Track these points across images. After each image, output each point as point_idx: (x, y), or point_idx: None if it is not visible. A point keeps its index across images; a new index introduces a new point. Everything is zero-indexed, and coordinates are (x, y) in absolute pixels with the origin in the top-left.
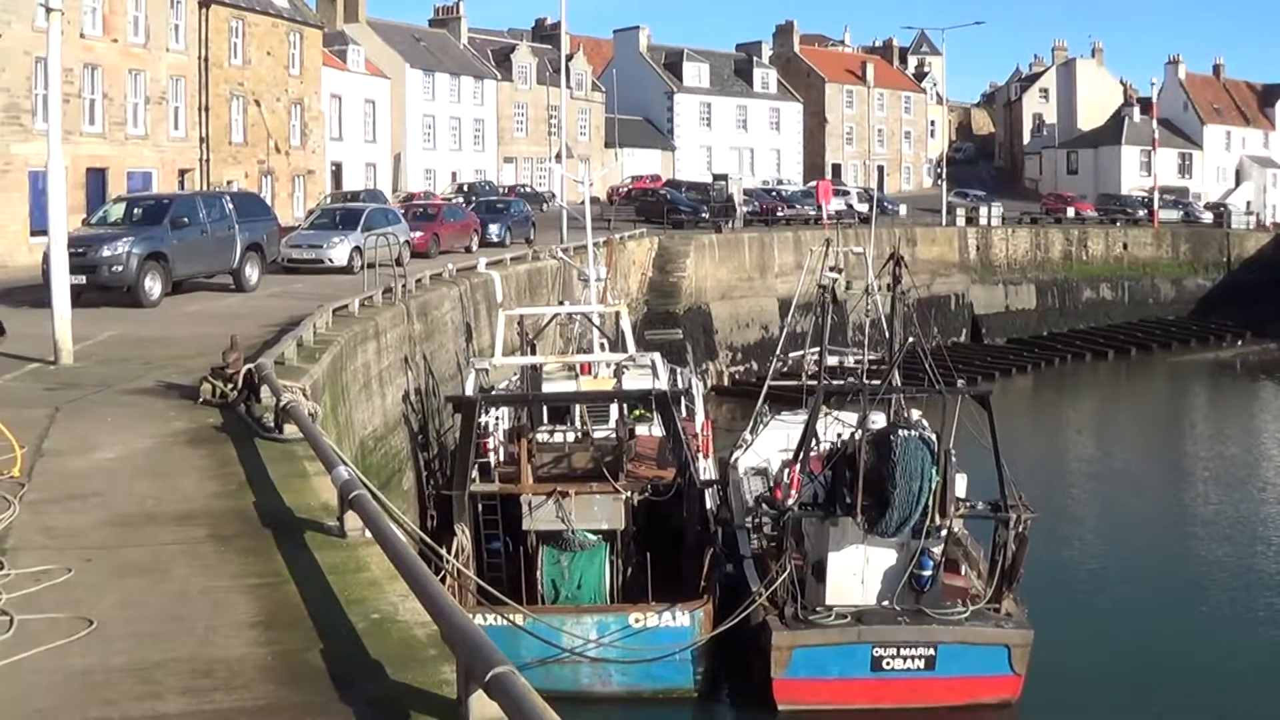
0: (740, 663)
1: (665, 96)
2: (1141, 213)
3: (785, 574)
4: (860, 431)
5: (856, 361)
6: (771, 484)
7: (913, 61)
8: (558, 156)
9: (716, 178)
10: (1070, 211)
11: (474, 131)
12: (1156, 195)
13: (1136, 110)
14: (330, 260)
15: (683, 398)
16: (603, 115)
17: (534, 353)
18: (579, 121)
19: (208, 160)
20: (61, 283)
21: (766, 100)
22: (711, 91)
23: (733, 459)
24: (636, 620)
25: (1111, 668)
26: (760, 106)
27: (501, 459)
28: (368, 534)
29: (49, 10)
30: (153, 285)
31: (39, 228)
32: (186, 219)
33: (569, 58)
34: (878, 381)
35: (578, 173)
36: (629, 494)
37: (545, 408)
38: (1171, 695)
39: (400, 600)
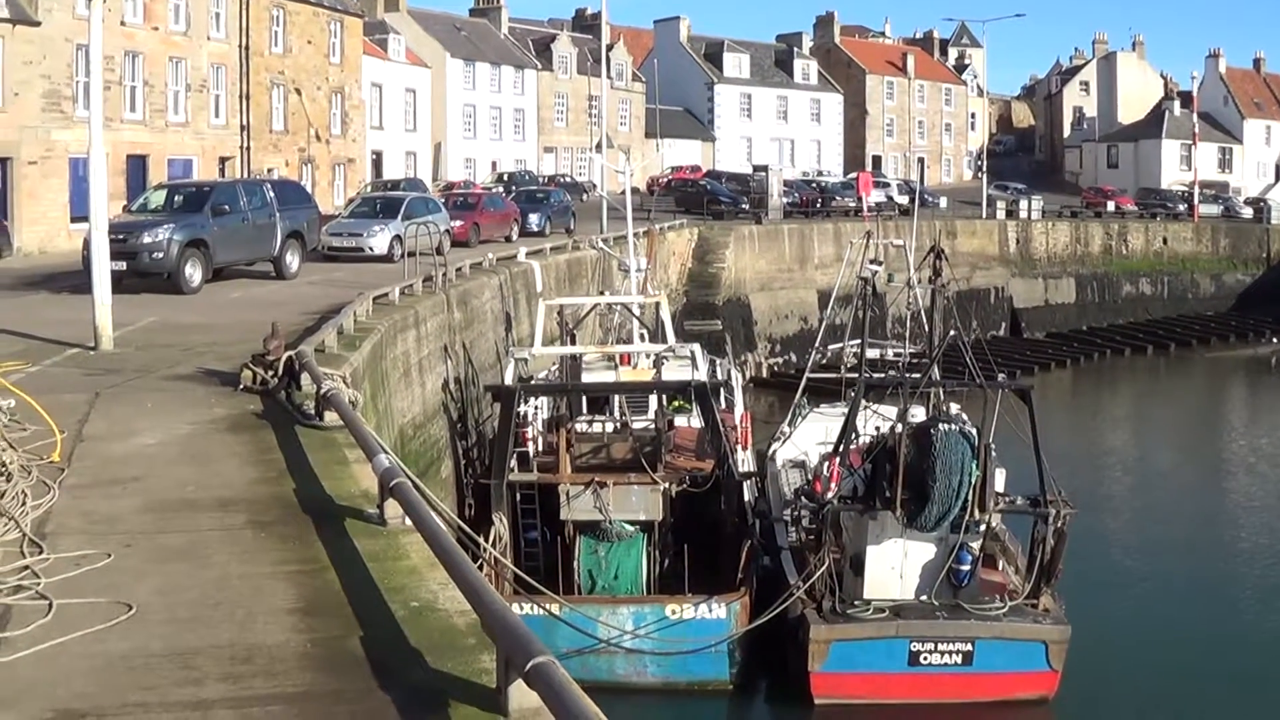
0: (777, 656)
1: (706, 87)
2: (1181, 207)
3: (823, 567)
4: (900, 425)
5: (896, 354)
6: (810, 477)
7: (953, 53)
8: (598, 146)
9: (757, 169)
10: (1110, 205)
11: (514, 121)
12: (1196, 190)
13: (1177, 104)
14: (370, 249)
15: (722, 389)
16: (643, 105)
17: (573, 343)
18: (619, 112)
19: (248, 148)
20: (102, 269)
21: (807, 91)
22: (752, 82)
23: (771, 451)
24: (673, 612)
25: (1149, 665)
26: (801, 98)
27: (540, 449)
28: (407, 522)
29: None
30: (193, 272)
31: (79, 214)
32: (227, 206)
33: (609, 48)
34: (918, 375)
35: (618, 163)
36: (667, 485)
37: (584, 398)
38: (1209, 692)
39: (440, 588)
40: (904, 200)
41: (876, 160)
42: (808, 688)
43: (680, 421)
